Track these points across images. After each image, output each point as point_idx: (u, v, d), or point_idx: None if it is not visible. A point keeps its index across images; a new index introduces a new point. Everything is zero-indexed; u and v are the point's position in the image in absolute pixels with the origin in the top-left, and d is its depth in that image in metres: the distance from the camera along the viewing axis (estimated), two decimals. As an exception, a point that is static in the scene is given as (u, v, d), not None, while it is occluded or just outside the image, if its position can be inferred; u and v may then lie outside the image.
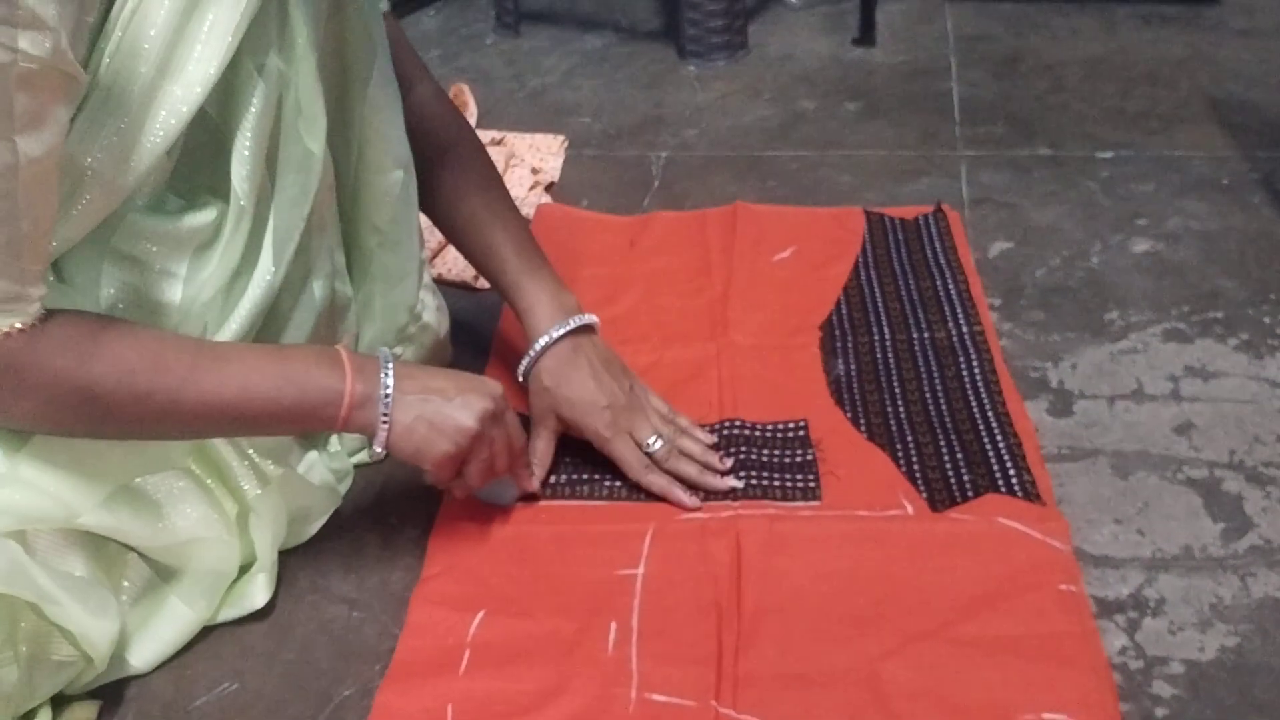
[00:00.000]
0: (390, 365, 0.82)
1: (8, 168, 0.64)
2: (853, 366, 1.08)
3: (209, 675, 0.84)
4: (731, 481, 0.94)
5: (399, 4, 2.05)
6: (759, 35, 1.88)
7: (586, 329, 0.97)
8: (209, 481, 0.84)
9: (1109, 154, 1.44)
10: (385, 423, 0.81)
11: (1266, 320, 1.12)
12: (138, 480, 0.80)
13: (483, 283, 1.25)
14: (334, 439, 0.99)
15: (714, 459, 0.96)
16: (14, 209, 0.65)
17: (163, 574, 0.84)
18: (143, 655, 0.83)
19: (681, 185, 1.45)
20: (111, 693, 0.82)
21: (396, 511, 0.97)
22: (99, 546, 0.80)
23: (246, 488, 0.85)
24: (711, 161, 1.51)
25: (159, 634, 0.83)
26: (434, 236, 1.23)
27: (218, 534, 0.83)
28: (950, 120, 1.56)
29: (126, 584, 0.82)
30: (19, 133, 0.63)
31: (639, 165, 1.51)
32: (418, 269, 0.99)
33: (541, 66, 1.84)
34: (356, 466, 1.00)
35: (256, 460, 0.86)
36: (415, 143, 0.96)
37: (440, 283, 1.20)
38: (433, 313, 1.03)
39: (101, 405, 0.72)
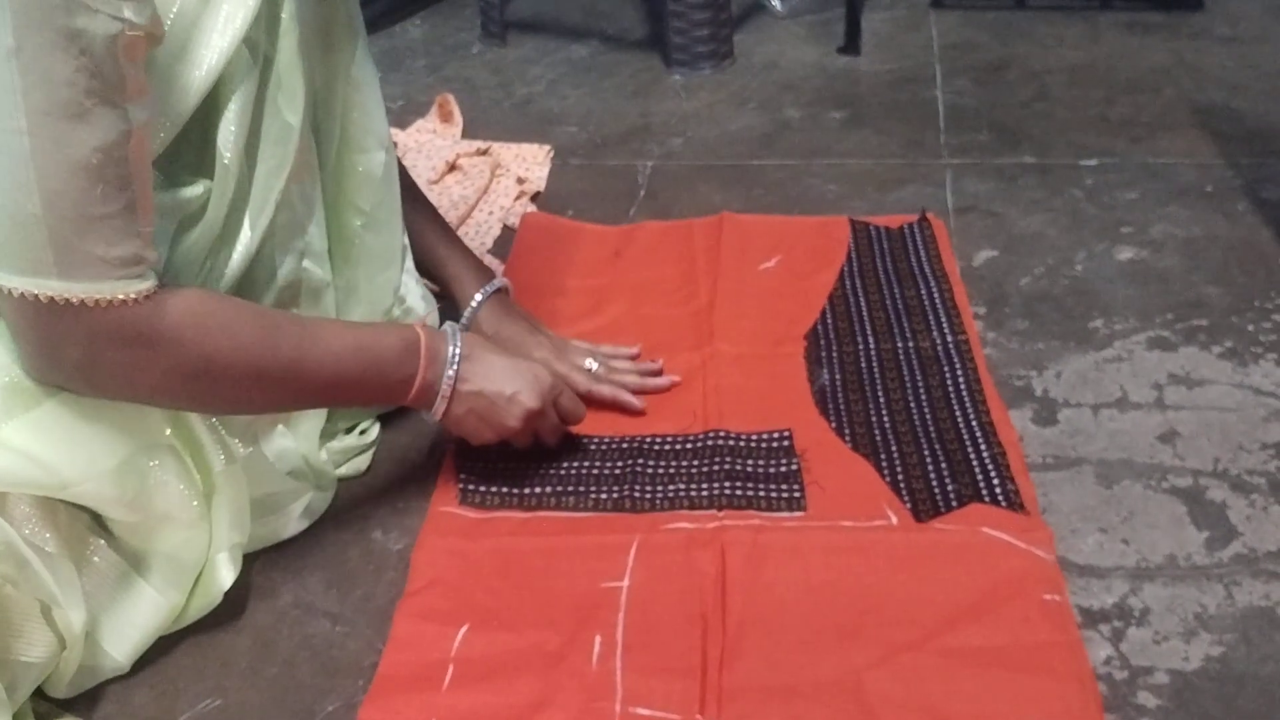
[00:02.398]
0: (456, 359, 0.89)
1: (122, 135, 0.66)
2: (837, 376, 1.08)
3: (191, 691, 0.83)
4: (673, 377, 1.07)
5: (385, 13, 2.05)
6: (745, 44, 1.88)
7: (504, 291, 1.09)
8: (185, 456, 0.84)
9: (1093, 162, 1.45)
10: (442, 411, 0.90)
11: (1250, 328, 1.12)
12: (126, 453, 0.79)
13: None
14: (323, 451, 0.99)
15: (649, 366, 1.09)
16: (128, 174, 0.68)
17: (131, 559, 0.83)
18: (121, 646, 0.82)
19: (668, 194, 1.45)
20: (92, 709, 0.82)
21: (380, 525, 0.97)
22: (69, 525, 0.79)
23: (214, 463, 0.84)
24: (698, 170, 1.51)
25: (134, 621, 0.82)
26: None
27: (189, 516, 0.82)
28: (935, 128, 1.56)
29: (95, 564, 0.81)
30: (130, 100, 0.66)
31: (625, 174, 1.51)
32: (401, 253, 1.01)
33: (527, 75, 1.84)
34: (341, 480, 1.00)
35: (226, 438, 0.85)
36: None
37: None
38: (417, 297, 1.04)
39: (217, 377, 0.76)
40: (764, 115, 1.65)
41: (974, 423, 1.00)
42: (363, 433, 1.03)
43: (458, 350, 0.89)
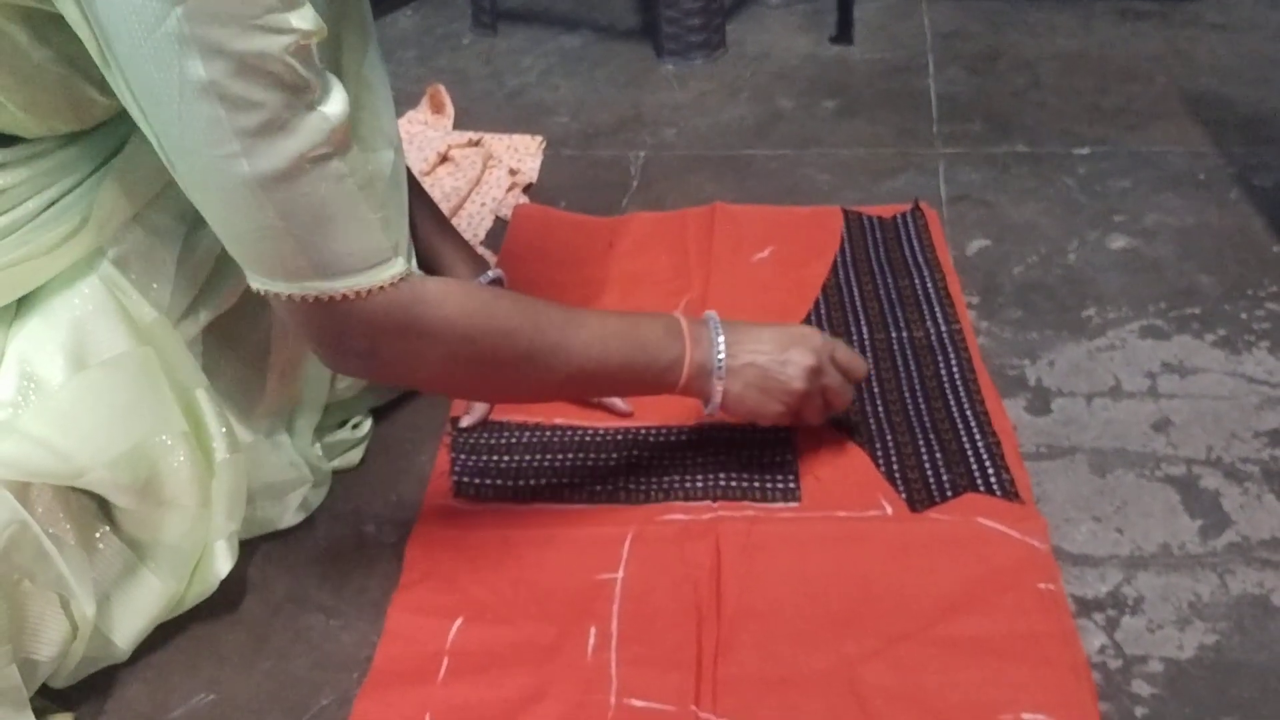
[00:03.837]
0: (721, 336, 0.88)
1: (328, 134, 0.67)
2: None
3: (185, 686, 0.83)
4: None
5: (377, 3, 2.03)
6: (737, 34, 1.87)
7: (499, 281, 1.08)
8: (193, 442, 0.84)
9: (1086, 150, 1.44)
10: (720, 393, 0.88)
11: (1243, 316, 1.12)
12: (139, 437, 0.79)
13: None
14: (316, 445, 0.98)
15: None
16: (344, 168, 0.68)
17: (134, 546, 0.83)
18: (124, 634, 0.82)
19: (660, 185, 1.44)
20: (87, 704, 0.82)
21: (374, 518, 0.96)
22: (80, 513, 0.79)
23: (217, 449, 0.84)
24: (690, 161, 1.50)
25: (137, 609, 0.82)
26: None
27: (194, 503, 0.82)
28: (928, 118, 1.56)
29: (102, 552, 0.81)
30: (321, 100, 0.67)
31: (617, 165, 1.50)
32: (407, 247, 1.00)
33: (519, 66, 1.84)
34: (334, 473, 1.00)
35: (233, 424, 0.86)
36: None
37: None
38: None
39: (487, 358, 0.78)
40: (756, 105, 1.64)
41: (968, 412, 1.00)
42: (355, 426, 1.03)
43: (718, 326, 0.89)
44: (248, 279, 0.72)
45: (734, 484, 0.94)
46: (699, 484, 0.95)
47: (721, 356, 0.87)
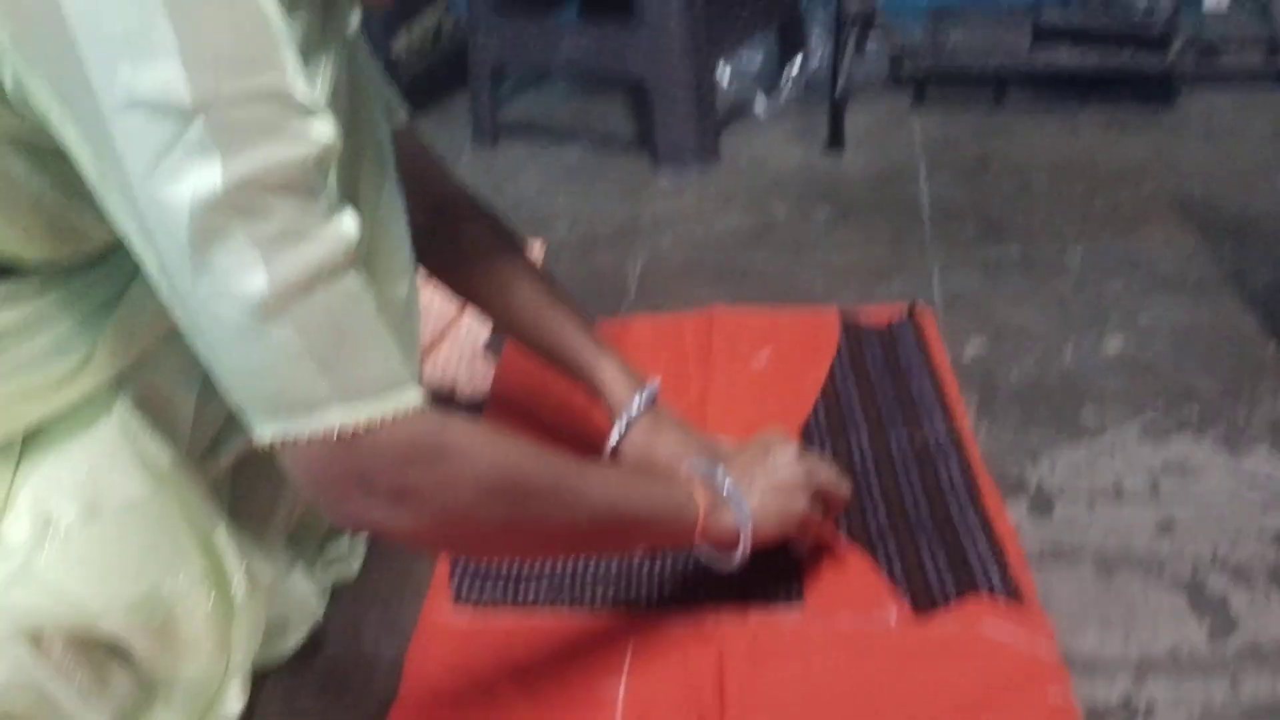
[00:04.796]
0: (712, 465, 0.89)
1: (348, 247, 0.65)
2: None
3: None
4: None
5: (377, 119, 2.08)
6: (731, 144, 1.91)
7: (654, 394, 1.04)
8: (211, 582, 0.82)
9: (1078, 253, 1.46)
10: (745, 514, 0.86)
11: (1242, 416, 1.13)
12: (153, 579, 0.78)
13: (462, 392, 1.26)
14: (318, 564, 0.97)
15: None
16: (364, 284, 0.66)
17: (147, 685, 0.82)
18: None
19: (658, 292, 1.46)
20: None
21: (372, 630, 0.95)
22: (96, 653, 0.77)
23: (235, 590, 0.82)
24: (687, 268, 1.52)
25: None
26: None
27: (211, 644, 0.81)
28: (921, 223, 1.59)
29: (113, 689, 0.79)
30: (339, 214, 0.65)
31: (615, 273, 1.52)
32: (417, 377, 1.00)
33: (518, 177, 1.87)
34: (335, 586, 0.99)
35: (254, 562, 0.84)
36: (457, 243, 1.03)
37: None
38: None
39: (519, 493, 0.73)
40: (751, 213, 1.67)
41: (970, 515, 1.00)
42: (353, 536, 1.02)
43: (702, 461, 0.91)
44: (254, 436, 0.65)
45: (736, 587, 0.93)
46: (700, 588, 0.94)
47: (726, 480, 0.87)
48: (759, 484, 0.89)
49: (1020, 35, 2.00)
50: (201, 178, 0.58)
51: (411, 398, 0.66)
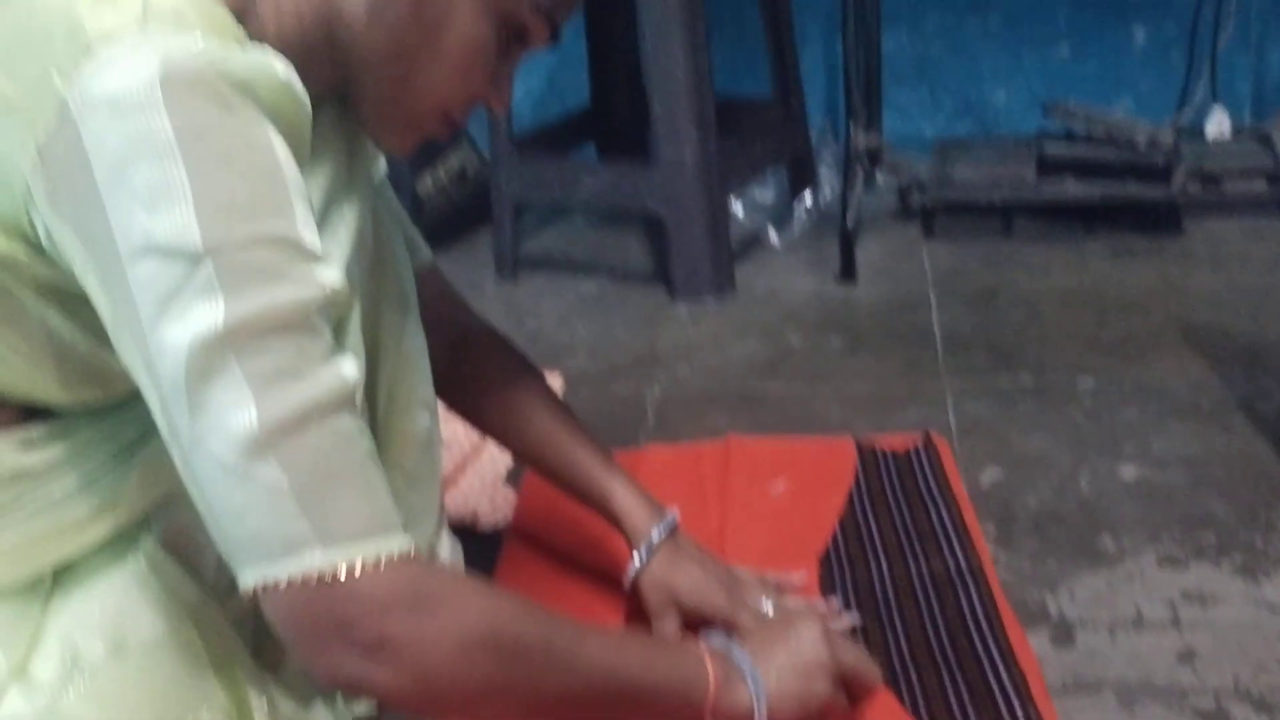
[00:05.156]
0: (733, 640, 0.87)
1: (344, 387, 0.65)
2: (852, 600, 1.08)
3: None
4: (848, 619, 1.05)
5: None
6: (746, 275, 1.96)
7: (674, 525, 1.04)
8: (233, 715, 0.83)
9: (1090, 381, 1.49)
10: (762, 694, 0.82)
11: (1259, 543, 1.13)
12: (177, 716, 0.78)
13: (484, 521, 1.27)
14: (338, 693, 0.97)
15: (820, 605, 1.06)
16: (355, 424, 0.66)
17: None
18: None
19: (675, 421, 1.48)
20: None
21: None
22: None
23: None
24: (704, 397, 1.55)
25: None
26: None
27: None
28: (933, 352, 1.61)
29: None
30: (341, 359, 0.66)
31: (633, 402, 1.55)
32: (438, 507, 1.01)
33: (539, 310, 1.92)
34: None
35: (276, 697, 0.84)
36: (480, 377, 1.05)
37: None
38: (448, 550, 1.04)
39: (509, 646, 0.69)
40: (766, 342, 1.70)
41: (992, 647, 0.99)
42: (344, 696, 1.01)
43: (720, 633, 0.91)
44: (239, 583, 0.64)
45: None
46: None
47: (741, 654, 0.84)
48: (779, 662, 0.85)
49: (1025, 167, 2.06)
50: (204, 317, 0.60)
51: (396, 544, 0.65)
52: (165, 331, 0.61)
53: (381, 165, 0.97)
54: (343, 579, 0.63)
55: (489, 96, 0.80)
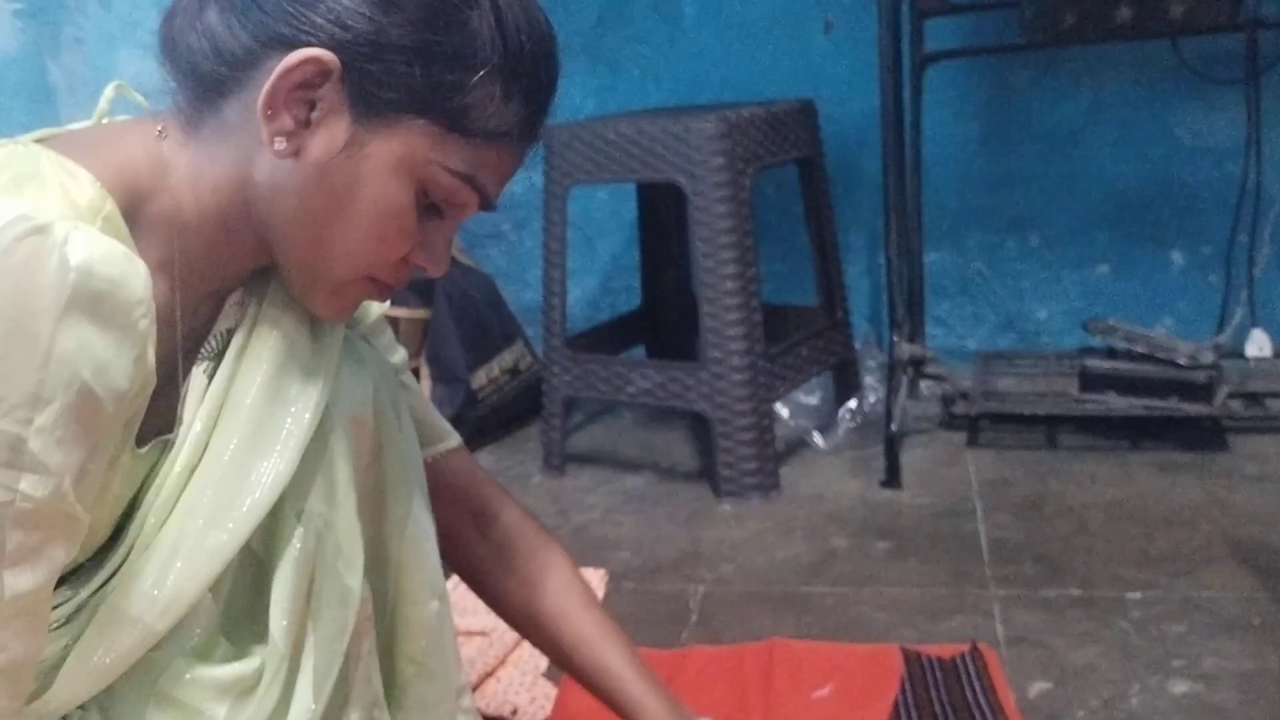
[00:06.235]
0: None
1: (17, 596, 0.65)
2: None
3: None
4: None
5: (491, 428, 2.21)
6: (790, 476, 1.98)
7: None
8: None
9: (1138, 595, 1.47)
10: None
11: (1319, 768, 1.10)
12: None
13: (523, 718, 1.26)
14: None
15: None
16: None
17: None
18: None
19: (719, 620, 1.48)
20: None
21: None
22: None
23: None
24: (748, 597, 1.55)
25: None
26: (472, 669, 1.25)
27: None
28: (980, 560, 1.61)
29: None
30: (7, 568, 0.65)
31: (677, 600, 1.55)
32: (454, 698, 0.99)
33: (584, 504, 1.94)
34: None
35: None
36: (508, 564, 1.02)
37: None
38: None
39: None
40: (811, 544, 1.71)
41: None
42: None
43: None
44: None
45: None
46: None
47: None
48: None
49: (1068, 380, 2.09)
50: None
51: None
52: None
53: (401, 354, 0.98)
54: None
55: (418, 260, 0.79)
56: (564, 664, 1.06)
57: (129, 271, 0.65)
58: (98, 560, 0.77)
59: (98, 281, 0.63)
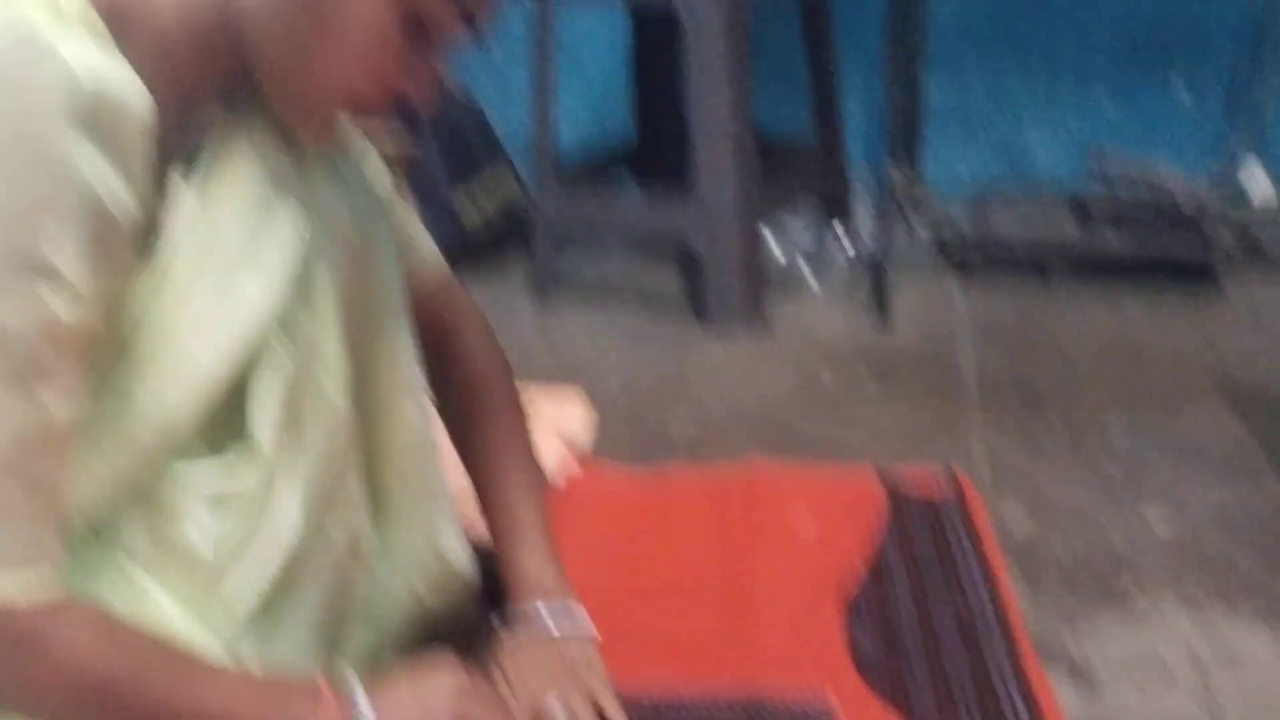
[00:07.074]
0: (359, 690, 0.78)
1: (35, 422, 0.66)
2: (878, 641, 1.07)
3: None
4: None
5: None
6: (780, 312, 1.96)
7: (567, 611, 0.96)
8: None
9: (1122, 431, 1.48)
10: None
11: (1289, 598, 1.12)
12: None
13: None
14: None
15: None
16: (39, 473, 0.67)
17: None
18: None
19: (703, 448, 1.48)
20: None
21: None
22: None
23: None
24: (732, 426, 1.55)
25: None
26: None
27: None
28: (966, 397, 1.61)
29: None
30: (44, 388, 0.65)
31: (662, 429, 1.55)
32: (443, 513, 0.99)
33: (572, 334, 1.93)
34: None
35: None
36: (453, 391, 1.03)
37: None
38: (461, 559, 1.03)
39: (114, 702, 0.70)
40: (797, 378, 1.70)
41: (1015, 696, 0.99)
42: None
43: (355, 682, 0.79)
44: None
45: None
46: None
47: (365, 697, 0.78)
48: (403, 713, 0.78)
49: (1064, 220, 2.06)
50: None
51: (7, 584, 0.65)
52: None
53: (387, 181, 0.97)
54: None
55: (405, 87, 0.77)
56: (479, 499, 1.05)
57: (132, 92, 0.65)
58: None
59: (100, 101, 0.63)
